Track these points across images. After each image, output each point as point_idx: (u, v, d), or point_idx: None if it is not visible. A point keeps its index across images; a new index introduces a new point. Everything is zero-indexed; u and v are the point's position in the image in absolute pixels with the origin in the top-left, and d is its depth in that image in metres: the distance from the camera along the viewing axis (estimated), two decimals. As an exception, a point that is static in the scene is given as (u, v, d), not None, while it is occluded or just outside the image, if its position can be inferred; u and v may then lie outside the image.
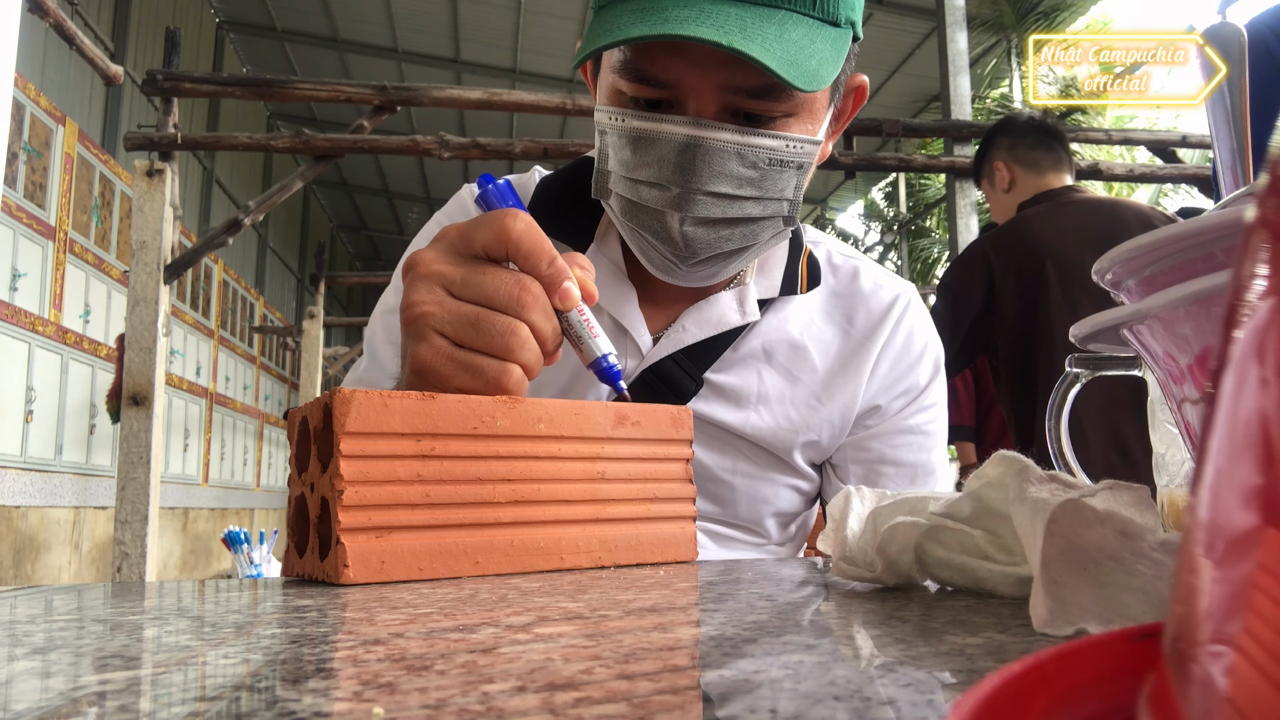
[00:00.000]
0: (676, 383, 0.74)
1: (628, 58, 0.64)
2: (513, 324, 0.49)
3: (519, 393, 0.49)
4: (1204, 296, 0.27)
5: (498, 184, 0.57)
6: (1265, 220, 0.13)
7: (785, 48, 0.59)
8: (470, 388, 0.49)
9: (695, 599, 0.38)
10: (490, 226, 0.50)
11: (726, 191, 0.64)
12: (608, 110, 0.66)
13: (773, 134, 0.64)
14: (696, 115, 0.63)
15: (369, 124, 3.66)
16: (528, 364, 0.49)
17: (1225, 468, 0.12)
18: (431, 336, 0.49)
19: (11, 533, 4.58)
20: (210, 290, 7.66)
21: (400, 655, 0.25)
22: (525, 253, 0.50)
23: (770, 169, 0.65)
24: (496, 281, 0.49)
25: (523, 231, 0.50)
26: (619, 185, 0.68)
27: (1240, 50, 0.45)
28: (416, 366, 0.50)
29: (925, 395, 0.81)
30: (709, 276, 0.72)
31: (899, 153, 4.38)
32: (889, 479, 0.79)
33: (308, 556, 0.45)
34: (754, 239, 0.68)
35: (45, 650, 0.27)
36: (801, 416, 0.77)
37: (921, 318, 0.83)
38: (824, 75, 0.61)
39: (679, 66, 0.62)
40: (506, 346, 0.49)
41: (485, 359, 0.49)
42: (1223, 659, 0.11)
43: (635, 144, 0.65)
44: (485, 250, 0.50)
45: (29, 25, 3.13)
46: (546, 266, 0.50)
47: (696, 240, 0.66)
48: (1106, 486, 0.31)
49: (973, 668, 0.23)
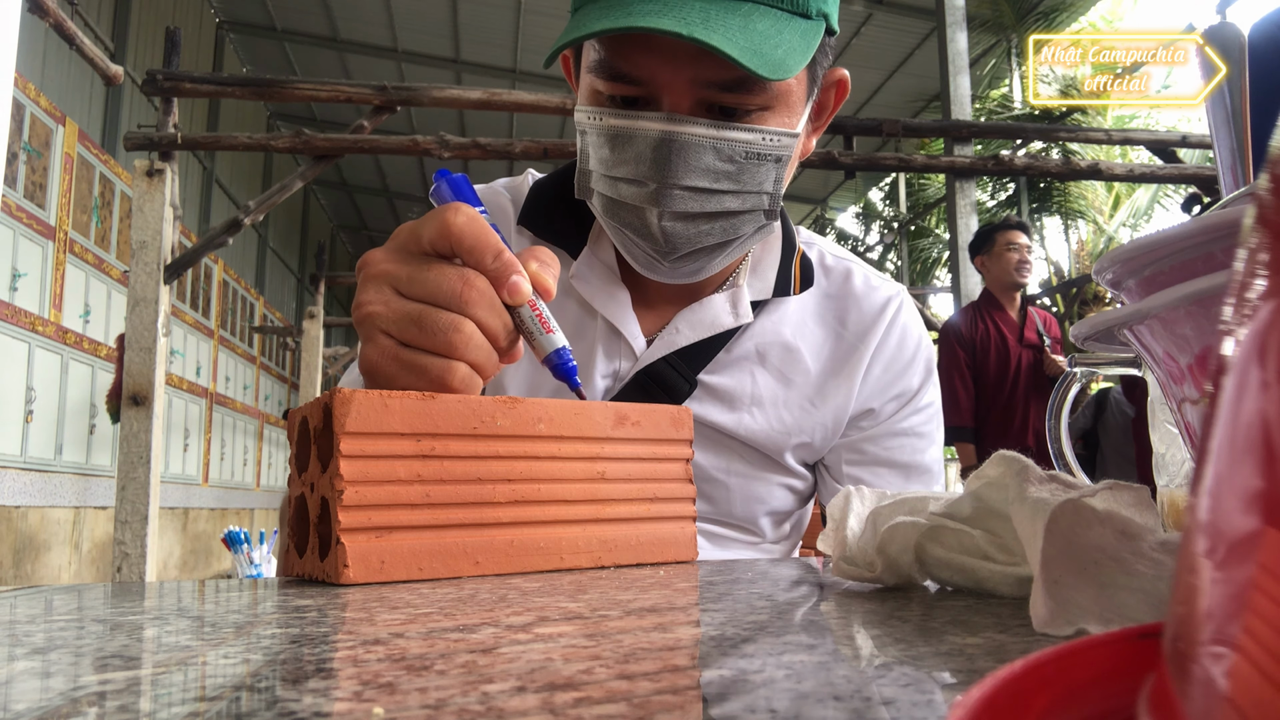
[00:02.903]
0: (670, 384, 0.74)
1: (602, 56, 0.64)
2: (456, 320, 0.47)
3: (467, 391, 0.48)
4: (1204, 296, 0.27)
5: (450, 177, 0.55)
6: (1265, 220, 0.13)
7: (749, 37, 0.59)
8: (417, 387, 0.47)
9: (695, 599, 0.38)
10: (434, 222, 0.49)
11: (704, 186, 0.64)
12: (586, 110, 0.67)
13: (748, 127, 0.64)
14: (672, 111, 0.63)
15: (369, 124, 3.66)
16: (476, 361, 0.48)
17: (1226, 468, 0.12)
18: (378, 336, 0.48)
19: (11, 533, 4.58)
20: (210, 290, 7.66)
21: (400, 655, 0.25)
22: (469, 247, 0.48)
23: (747, 162, 0.65)
24: (440, 278, 0.48)
25: (464, 225, 0.48)
26: (600, 184, 0.68)
27: (1240, 50, 0.45)
28: (364, 367, 0.49)
29: (918, 397, 0.81)
30: (694, 273, 0.72)
31: (899, 153, 4.38)
32: (884, 480, 0.79)
33: (308, 556, 0.45)
34: (735, 233, 0.68)
35: (45, 650, 0.27)
36: (794, 419, 0.77)
37: (913, 320, 0.83)
38: (791, 64, 0.61)
39: (651, 62, 0.62)
40: (450, 343, 0.47)
41: (429, 357, 0.47)
42: (1223, 659, 0.11)
43: (613, 142, 0.65)
44: (431, 246, 0.49)
45: (29, 25, 3.13)
46: (492, 260, 0.49)
47: (676, 235, 0.66)
48: (1106, 486, 0.31)
49: (973, 668, 0.23)
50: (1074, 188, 9.41)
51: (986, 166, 4.38)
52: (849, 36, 7.24)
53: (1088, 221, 10.15)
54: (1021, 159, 4.72)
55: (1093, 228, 10.36)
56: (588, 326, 0.76)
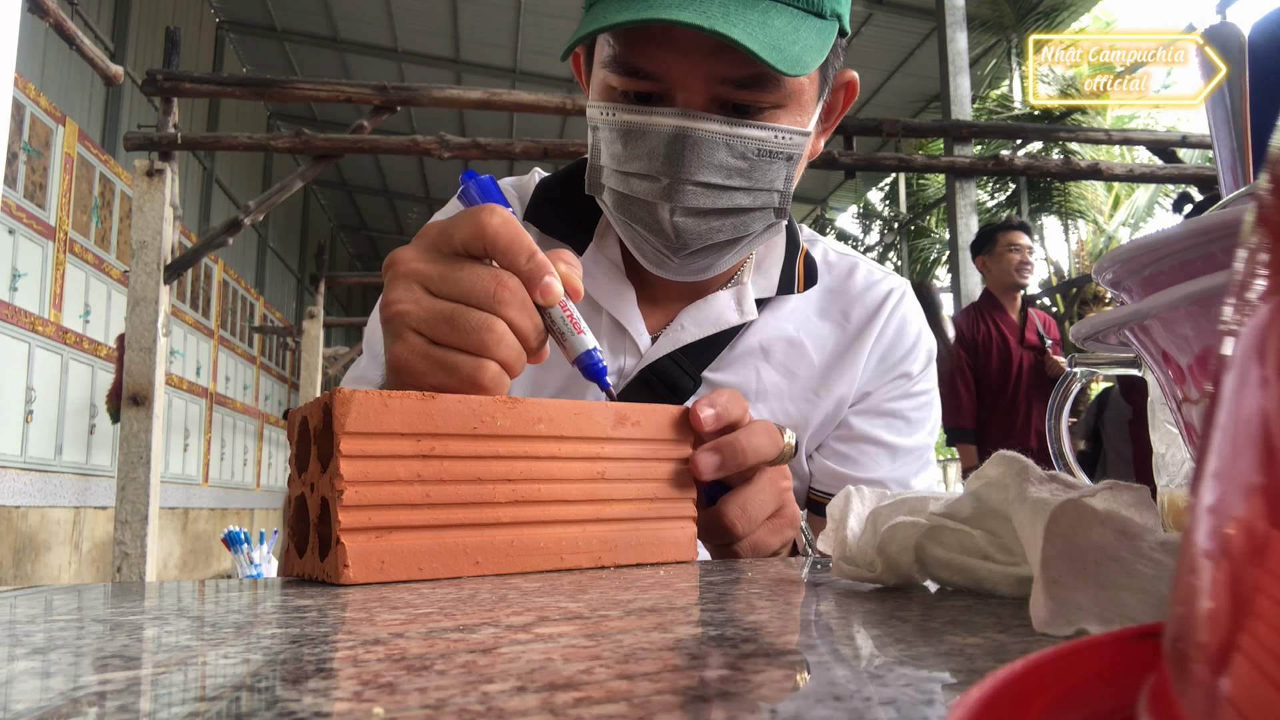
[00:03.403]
0: (675, 381, 0.74)
1: (616, 51, 0.64)
2: (488, 320, 0.47)
3: (497, 390, 0.48)
4: (1204, 296, 0.27)
5: (479, 179, 0.56)
6: (1265, 220, 0.13)
7: (768, 33, 0.60)
8: (447, 385, 0.47)
9: (695, 599, 0.38)
10: (467, 222, 0.49)
11: (716, 182, 0.64)
12: (599, 106, 0.67)
13: (761, 125, 0.64)
14: (685, 106, 0.63)
15: (369, 124, 3.66)
16: (506, 360, 0.48)
17: (1226, 468, 0.12)
18: (408, 335, 0.48)
19: (11, 533, 4.58)
20: (210, 290, 7.66)
21: (400, 655, 0.25)
22: (503, 248, 0.48)
23: (759, 160, 0.65)
24: (473, 277, 0.48)
25: (499, 226, 0.48)
26: (611, 179, 0.68)
27: (1240, 50, 0.45)
28: (393, 365, 0.49)
29: (914, 383, 0.82)
30: (702, 269, 0.72)
31: (899, 153, 4.38)
32: (869, 457, 0.80)
33: (308, 556, 0.45)
34: (745, 230, 0.68)
35: (45, 650, 0.27)
36: (800, 411, 0.78)
37: (914, 311, 0.84)
38: (808, 61, 0.61)
39: (666, 57, 0.63)
40: (482, 343, 0.47)
41: (460, 356, 0.47)
42: (1223, 659, 0.11)
43: (625, 137, 0.65)
44: (464, 246, 0.49)
45: (29, 25, 3.13)
46: (525, 261, 0.49)
47: (687, 231, 0.66)
48: (1106, 486, 0.31)
49: (973, 668, 0.23)
50: (1074, 188, 9.41)
51: (986, 166, 4.38)
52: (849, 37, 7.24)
53: (1088, 221, 10.15)
54: (1021, 159, 4.72)
55: (1093, 228, 10.36)
56: (593, 323, 0.77)
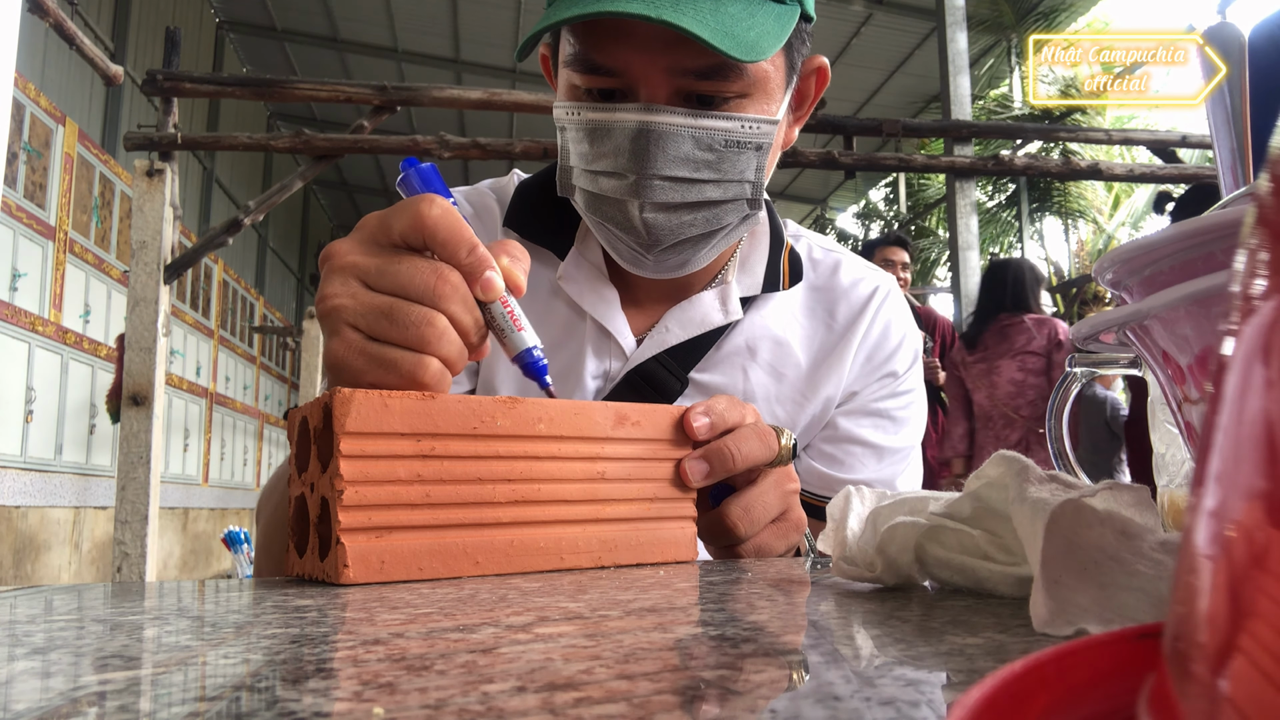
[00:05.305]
0: (661, 383, 0.74)
1: (577, 49, 0.64)
2: (429, 314, 0.45)
3: (438, 388, 0.46)
4: (1204, 296, 0.27)
5: (420, 167, 0.53)
6: (1265, 220, 0.13)
7: (720, 20, 0.59)
8: (385, 382, 0.46)
9: (695, 599, 0.38)
10: (406, 213, 0.47)
11: (684, 175, 0.64)
12: (564, 105, 0.67)
13: (727, 115, 0.64)
14: (648, 101, 0.63)
15: (369, 124, 3.66)
16: (447, 356, 0.46)
17: (1226, 468, 0.12)
18: (344, 330, 0.46)
19: (11, 533, 4.58)
20: (210, 290, 7.66)
21: (400, 655, 0.25)
22: (442, 240, 0.46)
23: (727, 151, 0.65)
24: (412, 271, 0.46)
25: (439, 217, 0.46)
26: (581, 179, 0.68)
27: (1240, 50, 0.45)
28: (330, 361, 0.48)
29: (900, 382, 0.81)
30: (679, 265, 0.71)
31: (899, 153, 4.38)
32: (856, 459, 0.79)
33: (308, 556, 0.45)
34: (718, 223, 0.68)
35: (45, 650, 0.27)
36: (787, 413, 0.78)
37: (900, 309, 0.83)
38: (764, 46, 0.61)
39: (624, 52, 0.62)
40: (422, 338, 0.45)
41: (400, 352, 0.46)
42: (1223, 659, 0.11)
43: (591, 135, 0.65)
44: (402, 238, 0.47)
45: (29, 25, 3.13)
46: (466, 255, 0.47)
47: (658, 227, 0.66)
48: (1106, 486, 0.31)
49: (973, 668, 0.23)
50: (1074, 188, 9.41)
51: (986, 166, 4.38)
52: (849, 36, 7.24)
53: (1087, 221, 10.15)
54: (1021, 159, 4.72)
55: (1092, 228, 10.36)
56: (577, 327, 0.76)
